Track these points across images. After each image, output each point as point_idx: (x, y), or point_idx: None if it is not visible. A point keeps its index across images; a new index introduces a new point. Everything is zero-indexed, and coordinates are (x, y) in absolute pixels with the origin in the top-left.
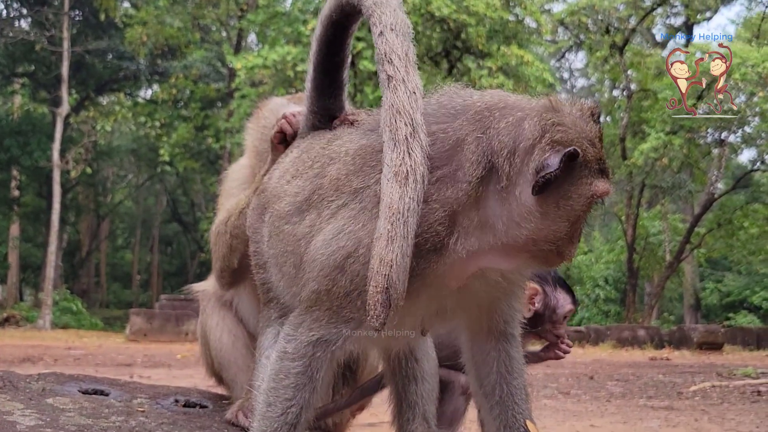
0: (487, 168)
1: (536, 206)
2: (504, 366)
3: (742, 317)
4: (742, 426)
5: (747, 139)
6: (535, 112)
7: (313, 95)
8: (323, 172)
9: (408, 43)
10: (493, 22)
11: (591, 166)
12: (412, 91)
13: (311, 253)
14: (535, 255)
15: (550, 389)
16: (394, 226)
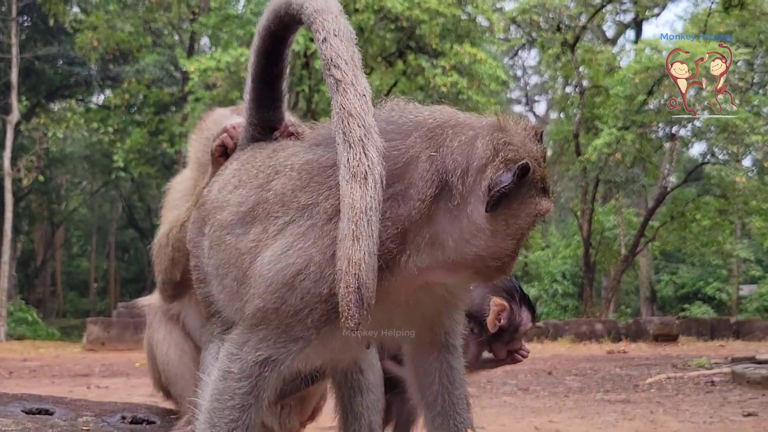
0: (440, 186)
1: (487, 224)
2: (446, 377)
3: (696, 308)
4: (697, 417)
5: (697, 132)
6: (486, 131)
7: (252, 107)
8: (268, 185)
9: (353, 48)
10: (446, 21)
11: (537, 185)
12: (362, 94)
13: (257, 269)
14: (480, 270)
15: (509, 386)
16: (358, 226)
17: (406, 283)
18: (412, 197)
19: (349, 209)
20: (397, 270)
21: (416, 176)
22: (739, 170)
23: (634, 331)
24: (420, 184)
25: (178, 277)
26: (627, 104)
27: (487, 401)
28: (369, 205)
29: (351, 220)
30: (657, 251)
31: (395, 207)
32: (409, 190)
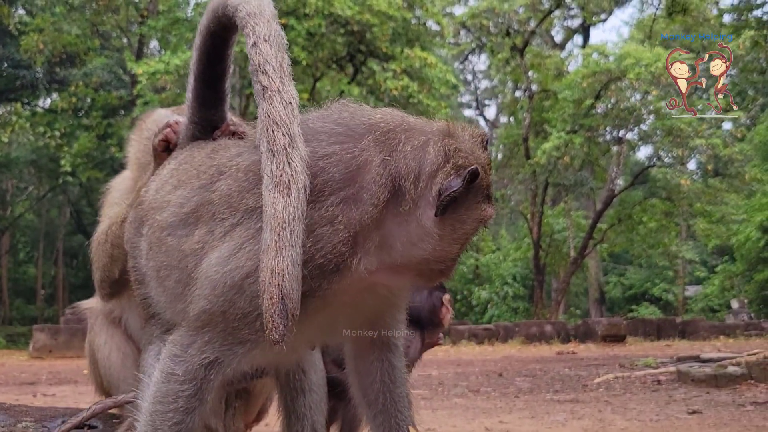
0: (392, 191)
1: (435, 228)
2: (387, 375)
3: (644, 309)
4: (643, 415)
5: (643, 136)
6: (437, 136)
7: (194, 105)
8: (212, 186)
9: (282, 54)
10: (396, 25)
11: (483, 191)
12: (288, 102)
13: (204, 271)
14: (423, 273)
15: (460, 388)
16: (281, 236)
17: (353, 285)
18: (365, 201)
19: (272, 219)
20: (347, 273)
21: (369, 180)
22: (684, 173)
23: (583, 332)
24: (373, 189)
25: (117, 275)
26: (575, 108)
27: (438, 403)
28: (292, 215)
29: (273, 230)
30: (605, 253)
31: (347, 211)
32: (361, 193)
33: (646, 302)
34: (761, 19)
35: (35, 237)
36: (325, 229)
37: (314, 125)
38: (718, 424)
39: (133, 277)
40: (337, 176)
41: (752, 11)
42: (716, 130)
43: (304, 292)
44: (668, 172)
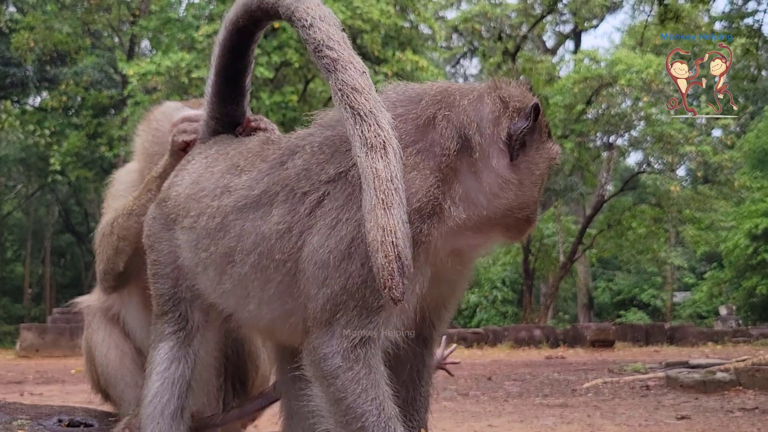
0: (461, 142)
1: (513, 174)
2: (416, 371)
3: (632, 314)
4: (632, 420)
5: (633, 142)
6: (489, 89)
7: (215, 101)
8: (285, 165)
9: (342, 33)
10: (388, 29)
11: (544, 130)
12: (362, 71)
13: (309, 258)
14: (509, 225)
15: (449, 391)
16: (387, 195)
17: (446, 242)
18: (437, 153)
19: (374, 179)
20: (444, 219)
21: (436, 135)
22: (674, 179)
23: (572, 336)
24: (442, 141)
25: (121, 268)
26: (566, 113)
27: None
28: (394, 173)
29: (378, 189)
30: (594, 258)
31: (426, 159)
32: (433, 147)
33: (635, 308)
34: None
35: (23, 235)
36: (413, 174)
37: None
38: (707, 430)
39: (153, 271)
40: (408, 131)
41: (743, 19)
42: (706, 137)
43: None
44: (658, 179)
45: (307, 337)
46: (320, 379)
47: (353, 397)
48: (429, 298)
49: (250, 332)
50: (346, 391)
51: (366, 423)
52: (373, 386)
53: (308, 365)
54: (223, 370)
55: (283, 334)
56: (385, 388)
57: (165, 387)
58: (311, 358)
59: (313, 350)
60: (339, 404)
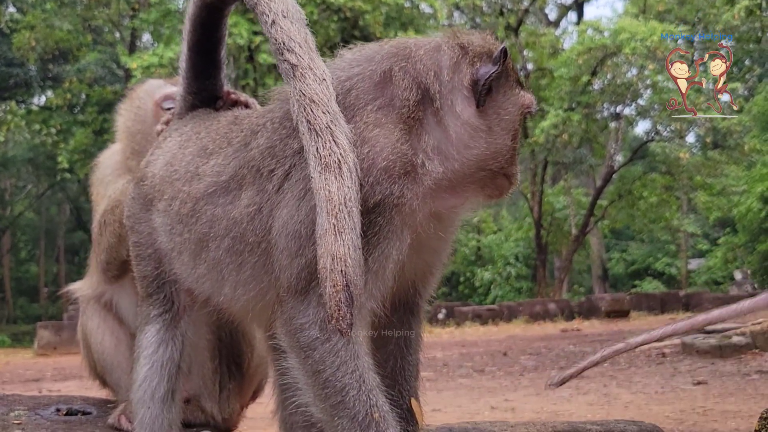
0: (420, 92)
1: (480, 121)
2: (404, 339)
3: (647, 284)
4: (648, 387)
5: (641, 111)
6: (447, 37)
7: (190, 76)
8: (249, 146)
9: (305, 30)
10: (390, 9)
11: (513, 76)
12: (321, 78)
13: (280, 230)
14: (486, 182)
15: (464, 368)
16: (339, 219)
17: (423, 203)
18: (398, 106)
19: (326, 202)
20: (417, 177)
21: (394, 88)
22: (683, 146)
23: (587, 308)
24: (400, 93)
25: (125, 255)
26: (572, 85)
27: (444, 384)
28: (347, 196)
29: (330, 213)
30: (607, 230)
31: (388, 114)
32: (394, 100)
33: (649, 277)
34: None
35: (36, 235)
36: (376, 132)
37: (330, 67)
38: (724, 394)
39: (135, 252)
40: (366, 89)
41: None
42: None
43: (378, 201)
44: (667, 146)
45: (281, 307)
46: (297, 351)
47: (332, 369)
48: (413, 266)
49: (227, 316)
50: (324, 364)
51: (346, 397)
52: (353, 358)
53: (283, 336)
54: (218, 352)
55: (260, 315)
56: (365, 359)
57: (154, 371)
58: (287, 329)
59: (288, 320)
60: (317, 377)
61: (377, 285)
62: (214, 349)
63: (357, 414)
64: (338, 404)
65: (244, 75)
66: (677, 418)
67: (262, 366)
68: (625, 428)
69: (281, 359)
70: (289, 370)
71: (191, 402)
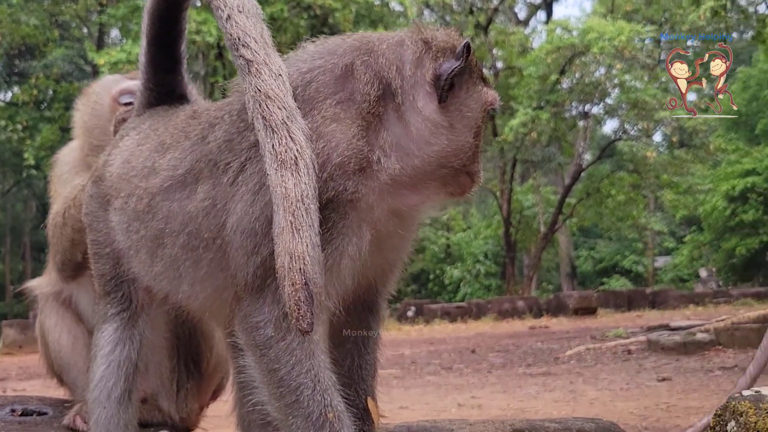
0: (382, 87)
1: (441, 117)
2: (362, 338)
3: (614, 281)
4: (614, 384)
5: (609, 110)
6: (410, 32)
7: (149, 70)
8: (206, 139)
9: (261, 25)
10: (359, 7)
11: (477, 72)
12: (277, 74)
13: (235, 227)
14: (448, 179)
15: (432, 366)
16: (296, 217)
17: (381, 200)
18: (359, 101)
19: (283, 200)
20: (372, 174)
21: (356, 82)
22: (650, 145)
23: (555, 306)
24: (361, 87)
25: (80, 258)
26: (540, 84)
27: (411, 381)
28: (305, 192)
29: (287, 210)
30: (575, 228)
31: (348, 109)
32: (354, 95)
33: (617, 274)
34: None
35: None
36: (333, 127)
37: (291, 59)
38: (687, 390)
39: (93, 251)
40: (327, 82)
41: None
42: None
43: (331, 197)
44: (634, 145)
45: (238, 305)
46: (252, 349)
47: (287, 368)
48: (372, 263)
49: (186, 314)
50: (279, 362)
51: (301, 396)
52: (308, 357)
53: (240, 334)
54: (176, 351)
55: (218, 313)
56: (321, 357)
57: (110, 370)
58: (243, 326)
59: (244, 318)
60: (272, 376)
61: (333, 282)
62: (172, 347)
63: (311, 413)
64: (293, 403)
65: (214, 72)
66: (641, 414)
67: (221, 365)
68: (583, 426)
69: (239, 357)
70: (246, 368)
71: (148, 401)
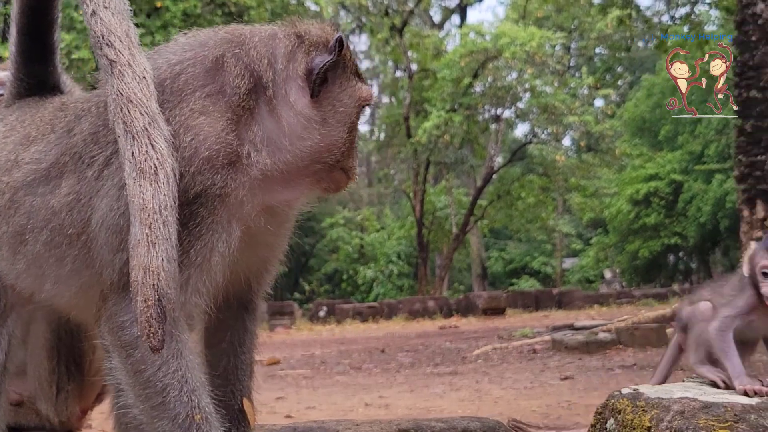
0: (253, 80)
1: (314, 112)
2: (237, 337)
3: (524, 282)
4: (518, 383)
5: (520, 114)
6: (284, 26)
7: (20, 60)
8: (72, 132)
9: (128, 22)
10: (275, 5)
11: (351, 67)
12: (141, 76)
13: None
14: (321, 175)
15: (342, 365)
16: (153, 229)
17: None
18: (229, 94)
19: (140, 211)
20: (242, 168)
21: (226, 74)
22: (559, 149)
23: (465, 306)
24: (231, 80)
25: None
26: (454, 87)
27: (320, 381)
28: (163, 204)
29: (144, 223)
30: (486, 229)
31: (217, 102)
32: (224, 88)
33: (527, 275)
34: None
35: None
36: (201, 120)
37: (162, 50)
38: (588, 388)
39: None
40: (196, 74)
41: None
42: (588, 107)
43: (199, 192)
44: (544, 149)
45: (104, 304)
46: (118, 350)
47: (153, 369)
48: (246, 261)
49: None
50: (146, 363)
51: (167, 398)
52: (175, 357)
53: (105, 333)
54: (56, 352)
55: (85, 313)
56: (189, 357)
57: None
58: (108, 326)
59: (110, 317)
60: (138, 377)
61: (202, 279)
62: (52, 348)
63: (177, 415)
64: (159, 405)
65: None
66: (543, 412)
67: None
68: (468, 425)
69: (105, 358)
70: (112, 370)
71: (25, 404)
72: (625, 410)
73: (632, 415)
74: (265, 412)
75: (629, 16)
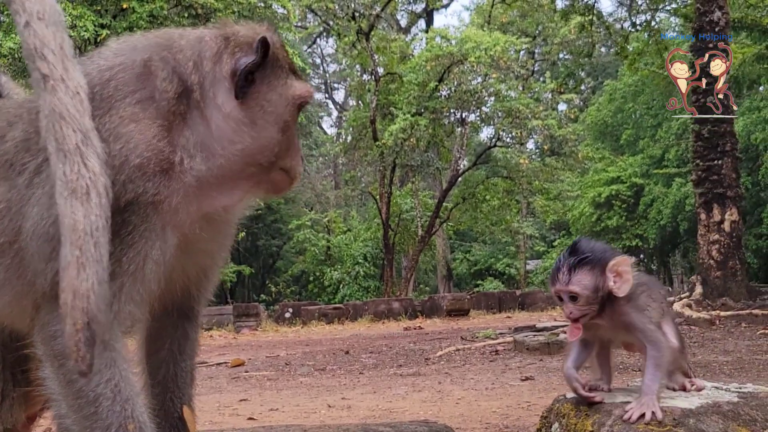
0: (181, 84)
1: (242, 115)
2: (177, 345)
3: (489, 283)
4: (480, 384)
5: (485, 118)
6: (213, 29)
7: None
8: (3, 138)
9: (62, 34)
10: (242, 8)
11: (283, 65)
12: (74, 92)
13: (31, 232)
14: (261, 179)
15: (306, 367)
16: (83, 251)
17: (189, 202)
18: (158, 99)
19: (71, 232)
20: (175, 176)
21: (154, 79)
22: (523, 153)
23: (429, 307)
24: (159, 84)
25: None
26: (420, 91)
27: (284, 383)
28: (94, 225)
29: (74, 245)
30: (451, 231)
31: (147, 108)
32: (154, 93)
33: (491, 277)
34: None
35: None
36: (131, 127)
37: (94, 56)
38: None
39: None
40: (126, 80)
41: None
42: (551, 112)
43: (131, 200)
44: (508, 152)
45: (37, 314)
46: (51, 360)
47: (84, 379)
48: (184, 269)
49: None
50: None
51: (99, 408)
52: (108, 366)
53: (39, 344)
54: (1, 359)
55: (19, 322)
56: (123, 366)
57: None
58: (41, 336)
59: (42, 327)
60: (70, 387)
61: (136, 287)
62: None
63: (110, 426)
64: (91, 415)
65: None
66: (503, 413)
67: None
68: (416, 429)
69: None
70: (45, 380)
71: None
72: (569, 414)
73: (575, 419)
74: (228, 414)
75: (591, 22)
